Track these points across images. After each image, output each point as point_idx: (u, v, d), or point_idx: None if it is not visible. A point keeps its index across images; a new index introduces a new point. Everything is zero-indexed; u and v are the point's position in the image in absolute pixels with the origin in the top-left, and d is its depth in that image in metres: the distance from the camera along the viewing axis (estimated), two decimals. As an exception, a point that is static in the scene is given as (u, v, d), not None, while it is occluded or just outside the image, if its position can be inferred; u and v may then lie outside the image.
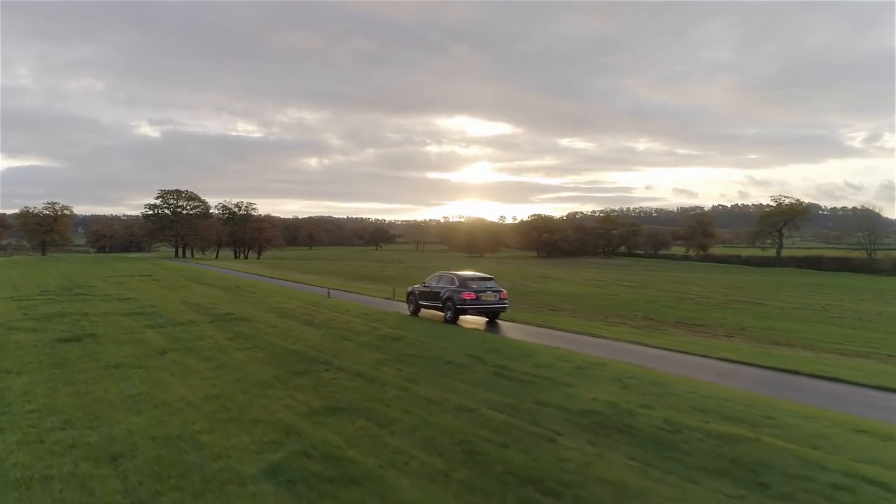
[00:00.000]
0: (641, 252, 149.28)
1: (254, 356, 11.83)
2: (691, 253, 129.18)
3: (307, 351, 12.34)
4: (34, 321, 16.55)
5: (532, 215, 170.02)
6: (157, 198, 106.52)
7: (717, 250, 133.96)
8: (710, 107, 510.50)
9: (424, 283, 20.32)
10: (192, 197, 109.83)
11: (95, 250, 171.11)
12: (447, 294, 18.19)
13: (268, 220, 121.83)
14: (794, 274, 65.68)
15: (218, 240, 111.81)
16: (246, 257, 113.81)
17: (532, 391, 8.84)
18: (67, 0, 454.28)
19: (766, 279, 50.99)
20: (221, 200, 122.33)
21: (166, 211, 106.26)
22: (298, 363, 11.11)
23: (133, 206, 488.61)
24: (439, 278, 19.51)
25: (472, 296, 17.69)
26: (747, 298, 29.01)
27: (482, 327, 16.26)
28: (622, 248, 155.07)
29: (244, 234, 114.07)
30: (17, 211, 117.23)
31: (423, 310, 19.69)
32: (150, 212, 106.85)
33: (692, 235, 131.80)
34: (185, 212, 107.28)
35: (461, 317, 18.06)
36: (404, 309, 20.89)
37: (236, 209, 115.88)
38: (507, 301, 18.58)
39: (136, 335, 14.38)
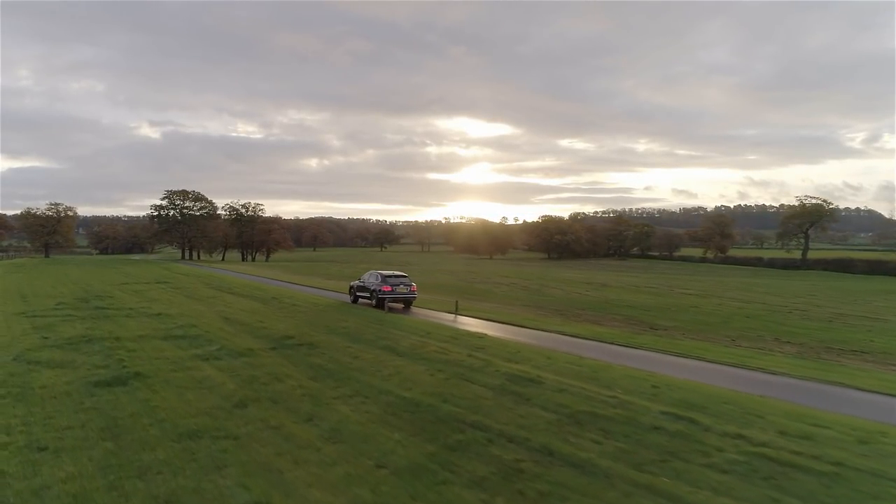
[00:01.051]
0: (655, 253, 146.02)
1: (368, 413, 8.71)
2: (709, 255, 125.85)
3: (434, 402, 9.22)
4: (57, 350, 13.42)
5: (542, 216, 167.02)
6: (164, 198, 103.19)
7: (733, 252, 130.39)
8: (709, 108, 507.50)
9: (360, 279, 25.31)
10: (198, 197, 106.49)
11: (98, 252, 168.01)
12: (373, 287, 23.58)
13: (276, 221, 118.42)
14: (835, 278, 62.55)
15: (225, 241, 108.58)
16: (254, 259, 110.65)
17: (863, 500, 5.72)
18: (68, 1, 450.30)
19: (824, 285, 47.88)
20: (228, 201, 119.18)
21: (172, 212, 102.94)
22: (440, 427, 8.00)
23: (134, 206, 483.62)
24: (370, 276, 24.62)
25: (389, 288, 23.10)
26: (850, 312, 25.86)
27: (633, 363, 13.13)
28: (634, 250, 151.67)
29: (252, 235, 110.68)
30: (18, 212, 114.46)
31: (360, 300, 24.91)
32: (157, 213, 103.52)
33: (710, 237, 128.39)
34: (191, 213, 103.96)
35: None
36: (489, 329, 17.84)
37: (243, 210, 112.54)
38: (416, 292, 24.05)
39: (192, 373, 11.25)
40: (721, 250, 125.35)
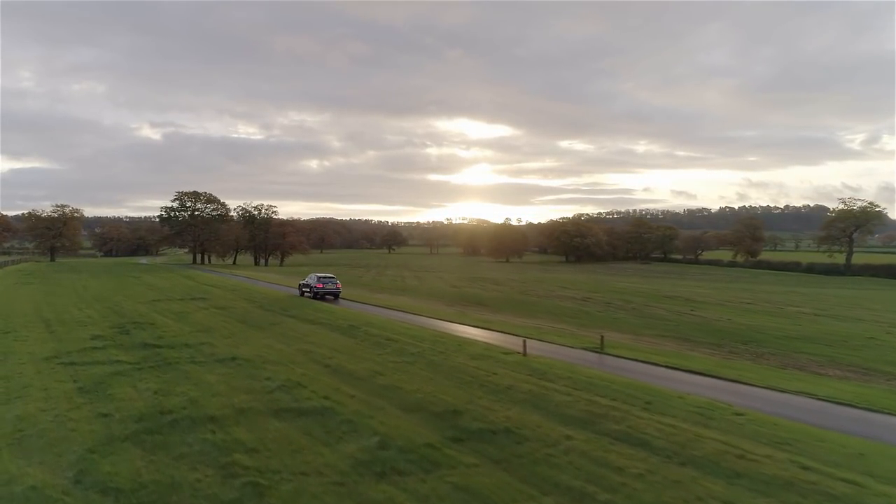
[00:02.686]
0: (679, 257, 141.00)
1: None
2: (739, 259, 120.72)
3: None
4: (136, 449, 8.58)
5: (562, 218, 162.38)
6: (174, 200, 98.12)
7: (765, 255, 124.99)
8: (709, 109, 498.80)
9: (304, 279, 34.66)
10: (210, 199, 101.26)
11: (102, 254, 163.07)
12: (312, 284, 32.69)
13: (291, 224, 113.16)
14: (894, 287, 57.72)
15: (236, 245, 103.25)
16: (266, 264, 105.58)
17: None
18: (69, 3, 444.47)
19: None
20: (240, 203, 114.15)
21: (183, 214, 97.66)
22: None
23: (135, 207, 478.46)
24: (311, 277, 33.86)
25: (321, 286, 32.24)
26: None
27: None
28: (655, 253, 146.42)
29: (266, 238, 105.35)
30: (20, 213, 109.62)
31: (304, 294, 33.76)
32: (167, 215, 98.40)
33: (740, 240, 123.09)
34: (203, 215, 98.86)
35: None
36: (692, 386, 12.98)
37: (256, 212, 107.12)
38: (340, 288, 33.05)
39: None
40: (752, 254, 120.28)
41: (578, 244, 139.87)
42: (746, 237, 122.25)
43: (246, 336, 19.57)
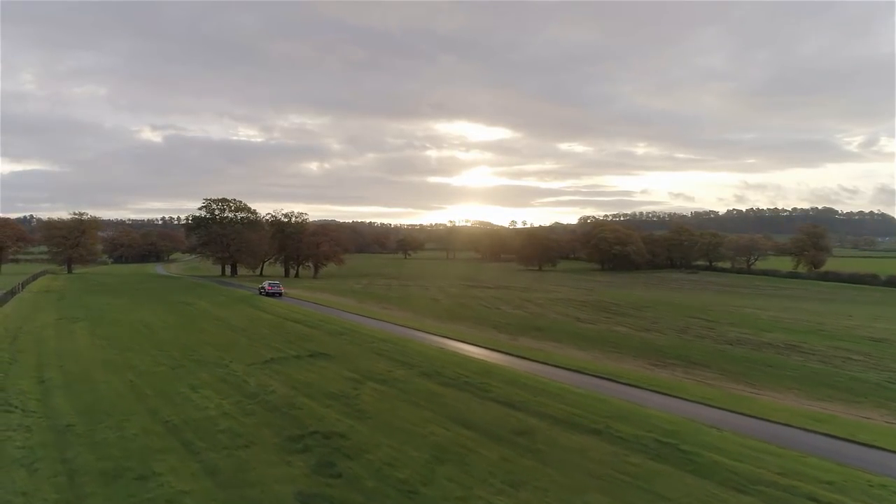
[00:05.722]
0: (727, 266, 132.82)
1: None
2: (802, 269, 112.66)
3: None
4: None
5: (592, 220, 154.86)
6: (201, 207, 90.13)
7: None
8: (707, 112, 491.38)
9: (261, 284, 52.82)
10: (240, 207, 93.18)
11: (112, 260, 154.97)
12: (267, 287, 50.83)
13: (325, 233, 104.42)
14: None
15: (264, 254, 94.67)
16: (297, 275, 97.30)
17: None
18: (70, 6, 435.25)
19: None
20: (270, 210, 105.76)
21: (213, 223, 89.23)
22: None
23: (136, 210, 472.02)
24: (266, 283, 52.49)
25: (271, 288, 50.38)
26: None
27: None
28: (699, 261, 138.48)
29: (299, 248, 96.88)
30: (21, 216, 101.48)
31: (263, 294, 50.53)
32: (195, 224, 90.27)
33: (802, 249, 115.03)
34: (235, 222, 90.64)
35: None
36: None
37: (285, 220, 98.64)
38: (282, 290, 51.03)
39: None
40: (816, 264, 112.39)
41: (618, 252, 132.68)
42: (809, 246, 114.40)
43: (540, 483, 11.61)
